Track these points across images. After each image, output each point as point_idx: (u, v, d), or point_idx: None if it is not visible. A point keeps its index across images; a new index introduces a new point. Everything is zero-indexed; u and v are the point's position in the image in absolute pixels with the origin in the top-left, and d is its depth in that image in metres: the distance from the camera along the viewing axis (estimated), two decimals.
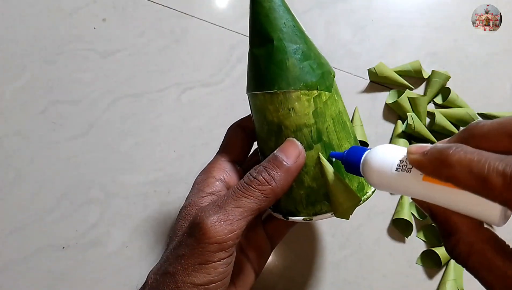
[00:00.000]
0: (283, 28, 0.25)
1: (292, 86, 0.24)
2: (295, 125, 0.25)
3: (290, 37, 0.25)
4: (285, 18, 0.25)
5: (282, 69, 0.24)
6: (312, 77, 0.25)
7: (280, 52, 0.25)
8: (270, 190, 0.24)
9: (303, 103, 0.25)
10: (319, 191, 0.26)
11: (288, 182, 0.24)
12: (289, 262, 0.39)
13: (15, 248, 0.38)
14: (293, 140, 0.25)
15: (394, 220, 0.40)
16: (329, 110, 0.25)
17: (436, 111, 0.41)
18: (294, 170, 0.24)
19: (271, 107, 0.25)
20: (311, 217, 0.26)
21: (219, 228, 0.22)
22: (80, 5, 0.45)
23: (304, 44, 0.25)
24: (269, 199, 0.24)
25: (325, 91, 0.25)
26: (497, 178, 0.16)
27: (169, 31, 0.45)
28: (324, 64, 0.26)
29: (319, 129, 0.25)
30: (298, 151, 0.25)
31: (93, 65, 0.43)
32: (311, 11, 0.46)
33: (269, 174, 0.24)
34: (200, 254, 0.22)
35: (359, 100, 0.44)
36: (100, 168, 0.40)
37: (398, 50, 0.45)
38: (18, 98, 0.42)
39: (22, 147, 0.40)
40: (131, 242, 0.38)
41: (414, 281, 0.39)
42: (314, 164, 0.25)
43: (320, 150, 0.25)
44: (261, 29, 0.25)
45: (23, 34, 0.43)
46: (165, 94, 0.43)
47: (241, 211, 0.23)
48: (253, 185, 0.24)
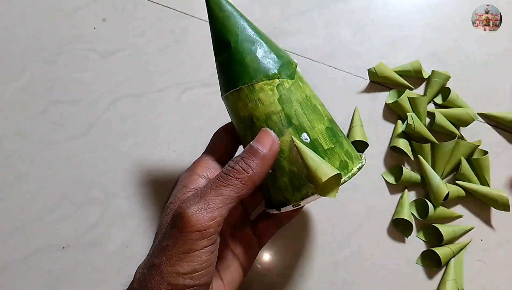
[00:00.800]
0: (238, 31, 0.27)
1: (254, 79, 0.27)
2: (264, 114, 0.27)
3: (246, 37, 0.27)
4: (238, 22, 0.27)
5: (243, 66, 0.27)
6: (271, 69, 0.27)
7: (238, 52, 0.27)
8: (248, 177, 0.25)
9: (267, 92, 0.26)
10: (301, 174, 0.26)
11: (265, 169, 0.26)
12: (289, 262, 0.39)
13: (15, 248, 0.38)
14: (265, 129, 0.26)
15: (394, 220, 0.40)
16: (295, 95, 0.27)
17: (436, 111, 0.41)
18: (269, 157, 0.26)
19: (240, 104, 0.28)
20: (299, 202, 0.27)
21: (200, 216, 0.23)
22: (80, 5, 0.45)
23: (260, 42, 0.27)
24: (248, 186, 0.25)
25: (287, 79, 0.27)
26: None
27: (169, 31, 0.45)
28: (283, 56, 0.28)
29: (288, 114, 0.26)
30: (272, 138, 0.26)
31: (93, 65, 0.43)
32: (311, 11, 0.46)
33: (246, 162, 0.25)
34: (183, 243, 0.23)
35: (359, 100, 0.44)
36: (100, 168, 0.40)
37: (398, 50, 0.45)
38: (18, 98, 0.42)
39: (22, 147, 0.40)
40: (131, 242, 0.38)
41: (414, 281, 0.39)
42: (290, 148, 0.26)
43: (293, 133, 0.26)
44: (219, 37, 0.28)
45: (23, 34, 0.43)
46: (165, 94, 0.43)
47: (221, 199, 0.24)
48: (231, 174, 0.25)
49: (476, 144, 0.41)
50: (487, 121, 0.44)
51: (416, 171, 0.41)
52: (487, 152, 0.40)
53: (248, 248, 0.31)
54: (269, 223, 0.33)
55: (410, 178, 0.40)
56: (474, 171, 0.41)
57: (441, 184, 0.39)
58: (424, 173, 0.40)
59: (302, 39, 0.45)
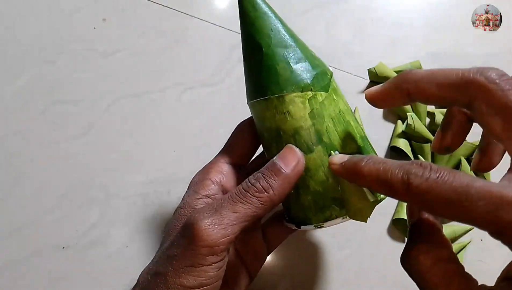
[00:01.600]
0: (271, 34, 0.25)
1: (285, 90, 0.24)
2: (293, 128, 0.25)
3: (279, 42, 0.25)
4: (272, 24, 0.25)
5: (273, 74, 0.25)
6: (304, 79, 0.25)
7: (269, 58, 0.25)
8: (268, 198, 0.23)
9: (298, 105, 0.24)
10: (327, 195, 0.25)
11: (286, 190, 0.24)
12: (289, 262, 0.39)
13: (15, 248, 0.38)
14: (291, 147, 0.25)
15: (394, 220, 0.40)
16: (327, 110, 0.25)
17: (436, 111, 0.41)
18: (292, 178, 0.24)
19: (267, 114, 0.25)
20: (322, 224, 0.26)
21: (212, 231, 0.22)
22: (80, 5, 0.45)
23: (294, 47, 0.25)
24: (266, 207, 0.24)
25: (320, 91, 0.25)
26: (398, 184, 0.19)
27: (169, 31, 0.45)
28: (318, 65, 0.26)
29: (318, 130, 0.25)
30: (297, 158, 0.24)
31: (93, 65, 0.43)
32: (311, 11, 0.46)
33: (267, 181, 0.24)
34: (191, 256, 0.22)
35: (359, 100, 0.44)
36: (100, 168, 0.40)
37: (398, 50, 0.45)
38: (18, 98, 0.42)
39: (22, 147, 0.40)
40: (131, 242, 0.38)
41: None
42: (317, 167, 0.25)
43: (322, 151, 0.25)
44: (250, 38, 0.26)
45: (23, 34, 0.43)
46: (165, 94, 0.43)
47: (236, 217, 0.23)
48: (251, 192, 0.23)
49: (476, 144, 0.41)
50: None
51: None
52: None
53: (257, 254, 0.30)
54: (281, 227, 0.32)
55: None
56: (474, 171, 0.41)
57: None
58: None
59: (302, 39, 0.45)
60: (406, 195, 0.18)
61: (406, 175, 0.18)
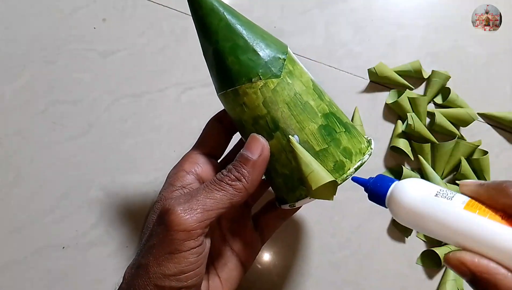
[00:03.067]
0: (217, 29, 0.25)
1: (236, 83, 0.25)
2: (251, 118, 0.26)
3: (225, 36, 0.25)
4: (218, 19, 0.25)
5: (224, 69, 0.25)
6: (253, 69, 0.25)
7: (218, 54, 0.25)
8: (241, 185, 0.24)
9: (251, 96, 0.25)
10: (293, 176, 0.26)
11: (257, 176, 0.25)
12: (289, 262, 0.39)
13: (15, 248, 0.38)
14: (254, 135, 0.26)
15: (394, 220, 0.40)
16: (281, 96, 0.25)
17: (436, 111, 0.41)
18: (260, 164, 0.25)
19: (228, 106, 0.27)
20: (294, 203, 0.27)
21: (188, 216, 0.22)
22: (80, 5, 0.45)
23: (240, 39, 0.25)
24: (241, 195, 0.25)
25: (272, 78, 0.25)
26: None
27: (169, 31, 0.45)
28: (269, 51, 0.25)
29: (274, 117, 0.25)
30: (261, 145, 0.25)
31: (93, 65, 0.43)
32: (311, 11, 0.46)
33: (238, 171, 0.25)
34: (169, 243, 0.22)
35: (359, 100, 0.44)
36: (100, 168, 0.40)
37: (398, 50, 0.45)
38: (18, 98, 0.42)
39: (22, 147, 0.40)
40: (131, 242, 0.38)
41: (414, 281, 0.39)
42: (279, 151, 0.26)
43: (281, 137, 0.25)
44: (200, 37, 0.26)
45: (23, 34, 0.43)
46: (165, 94, 0.43)
47: (212, 202, 0.23)
48: (225, 181, 0.24)
49: (476, 144, 0.41)
50: (487, 121, 0.43)
51: (416, 171, 0.41)
52: (487, 152, 0.40)
53: (248, 244, 0.30)
54: (272, 216, 0.32)
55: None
56: (474, 171, 0.41)
57: (441, 184, 0.39)
58: (424, 173, 0.40)
59: (302, 39, 0.45)
60: None
61: None
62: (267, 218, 0.32)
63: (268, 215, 0.32)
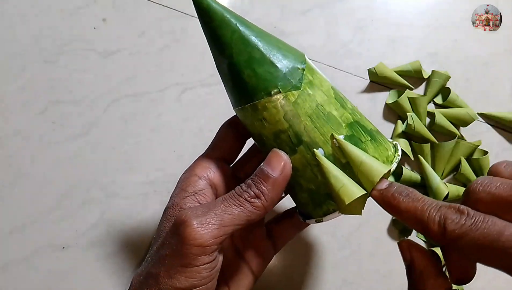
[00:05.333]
0: (231, 42, 0.24)
1: (255, 98, 0.24)
2: (272, 133, 0.24)
3: (239, 48, 0.24)
4: (231, 31, 0.24)
5: (241, 83, 0.24)
6: (272, 82, 0.24)
7: (234, 67, 0.24)
8: (260, 203, 0.24)
9: (271, 110, 0.24)
10: (320, 191, 0.25)
11: (277, 193, 0.24)
12: (289, 262, 0.39)
13: (15, 248, 0.38)
14: (276, 151, 0.24)
15: (394, 220, 0.40)
16: (303, 109, 0.24)
17: (436, 111, 0.41)
18: (281, 181, 0.24)
19: (247, 121, 0.25)
20: (321, 218, 0.26)
21: (204, 231, 0.22)
22: (80, 5, 0.45)
23: (256, 51, 0.24)
24: (259, 213, 0.24)
25: (291, 90, 0.24)
26: (434, 226, 0.20)
27: (169, 31, 0.45)
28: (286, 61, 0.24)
29: (296, 131, 0.24)
30: (282, 161, 0.24)
31: (93, 65, 0.43)
32: (311, 11, 0.46)
33: (258, 188, 0.24)
34: (183, 256, 0.22)
35: (359, 100, 0.44)
36: (100, 168, 0.40)
37: (398, 50, 0.45)
38: (18, 98, 0.42)
39: (22, 147, 0.40)
40: (131, 242, 0.38)
41: None
42: (304, 166, 0.24)
43: (305, 151, 0.24)
44: (213, 50, 0.25)
45: (23, 34, 0.43)
46: (165, 94, 0.43)
47: (230, 218, 0.23)
48: (244, 196, 0.24)
49: (476, 144, 0.41)
50: (487, 121, 0.44)
51: (416, 171, 0.41)
52: (487, 152, 0.40)
53: (260, 253, 0.30)
54: (287, 226, 0.31)
55: (410, 178, 0.40)
56: (474, 171, 0.41)
57: (441, 184, 0.39)
58: (424, 173, 0.40)
59: (302, 39, 0.45)
60: (441, 238, 0.19)
61: (443, 219, 0.19)
62: (281, 227, 0.31)
63: (283, 224, 0.31)
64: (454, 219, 0.19)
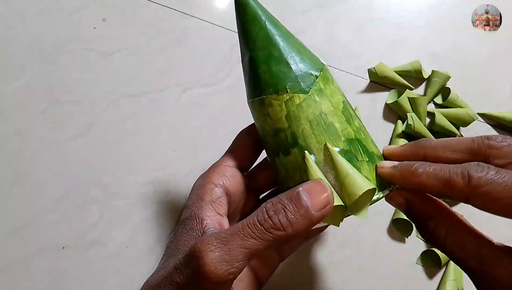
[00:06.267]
0: (256, 38, 0.25)
1: (263, 93, 0.25)
2: (272, 130, 0.25)
3: (262, 44, 0.25)
4: (258, 27, 0.25)
5: (256, 77, 0.25)
6: (282, 81, 0.25)
7: (253, 61, 0.25)
8: (284, 236, 0.21)
9: (275, 108, 0.25)
10: None
11: (305, 230, 0.21)
12: (289, 262, 0.39)
13: (15, 248, 0.38)
14: (323, 184, 0.22)
15: (394, 220, 0.40)
16: (305, 113, 0.24)
17: (436, 111, 0.41)
18: (316, 220, 0.21)
19: (255, 115, 0.27)
20: None
21: (218, 268, 0.20)
22: (80, 5, 0.45)
23: (276, 49, 0.25)
24: (278, 243, 0.21)
25: (299, 93, 0.24)
26: (458, 178, 0.20)
27: (169, 31, 0.45)
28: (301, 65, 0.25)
29: (294, 132, 0.24)
30: (327, 199, 0.22)
31: (93, 65, 0.43)
32: (311, 11, 0.46)
33: (287, 218, 0.21)
34: (197, 288, 0.21)
35: (359, 100, 0.44)
36: (100, 168, 0.40)
37: (398, 50, 0.45)
38: (18, 98, 0.42)
39: (22, 147, 0.40)
40: (131, 242, 0.38)
41: (414, 281, 0.39)
42: (295, 169, 0.25)
43: (298, 154, 0.24)
44: (240, 42, 0.27)
45: (23, 34, 0.43)
46: (165, 94, 0.43)
47: (245, 253, 0.21)
48: (266, 227, 0.21)
49: None
50: (487, 121, 0.44)
51: None
52: None
53: (266, 260, 0.29)
54: None
55: None
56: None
57: None
58: None
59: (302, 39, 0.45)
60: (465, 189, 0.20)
61: (467, 171, 0.20)
62: None
63: None
64: (478, 169, 0.20)
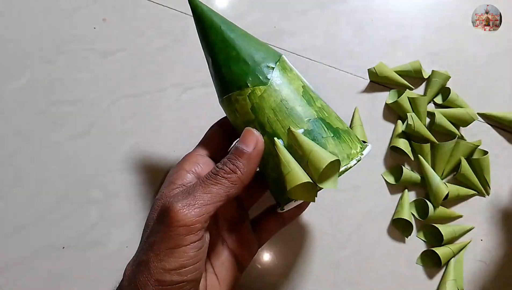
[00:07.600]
0: (214, 43, 0.27)
1: (229, 91, 0.27)
2: (243, 123, 0.27)
3: (220, 48, 0.27)
4: (215, 34, 0.27)
5: (220, 78, 0.28)
6: (242, 78, 0.27)
7: (215, 65, 0.28)
8: (236, 177, 0.25)
9: (241, 103, 0.27)
10: (281, 180, 0.26)
11: (252, 168, 0.26)
12: (289, 262, 0.39)
13: (15, 248, 0.38)
14: (249, 129, 0.27)
15: (394, 220, 0.40)
16: (267, 102, 0.26)
17: (436, 111, 0.41)
18: (255, 156, 0.26)
19: (227, 112, 0.29)
20: (283, 206, 0.27)
21: (187, 211, 0.23)
22: (80, 5, 0.45)
23: (233, 51, 0.27)
24: (237, 186, 0.25)
25: (259, 85, 0.26)
26: None
27: (169, 31, 0.45)
28: (257, 60, 0.27)
29: (261, 122, 0.26)
30: (255, 138, 0.26)
31: (93, 65, 0.43)
32: (311, 11, 0.46)
33: (233, 164, 0.25)
34: (170, 239, 0.23)
35: (359, 100, 0.44)
36: (100, 168, 0.40)
37: (398, 50, 0.45)
38: (18, 98, 0.42)
39: (22, 147, 0.40)
40: (131, 242, 0.38)
41: (414, 281, 0.39)
42: (268, 155, 0.27)
43: (268, 141, 0.26)
44: (204, 50, 0.29)
45: (23, 34, 0.43)
46: (165, 94, 0.43)
47: (209, 197, 0.24)
48: (220, 174, 0.25)
49: (476, 144, 0.41)
50: (487, 121, 0.44)
51: (416, 171, 0.41)
52: (487, 152, 0.40)
53: (246, 245, 0.31)
54: (270, 221, 0.33)
55: (410, 178, 0.40)
56: (474, 171, 0.41)
57: (441, 184, 0.39)
58: (424, 173, 0.40)
59: (302, 39, 0.45)
60: None
61: None
62: (265, 222, 0.33)
63: (266, 219, 0.33)
64: None
